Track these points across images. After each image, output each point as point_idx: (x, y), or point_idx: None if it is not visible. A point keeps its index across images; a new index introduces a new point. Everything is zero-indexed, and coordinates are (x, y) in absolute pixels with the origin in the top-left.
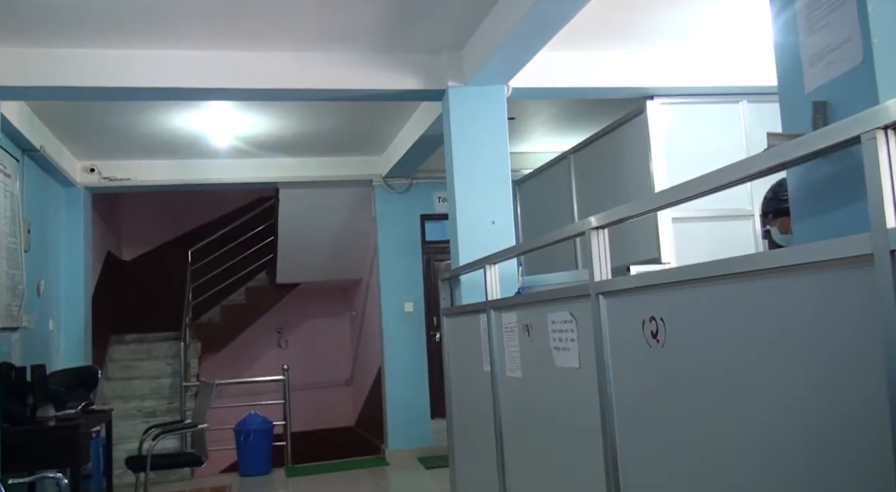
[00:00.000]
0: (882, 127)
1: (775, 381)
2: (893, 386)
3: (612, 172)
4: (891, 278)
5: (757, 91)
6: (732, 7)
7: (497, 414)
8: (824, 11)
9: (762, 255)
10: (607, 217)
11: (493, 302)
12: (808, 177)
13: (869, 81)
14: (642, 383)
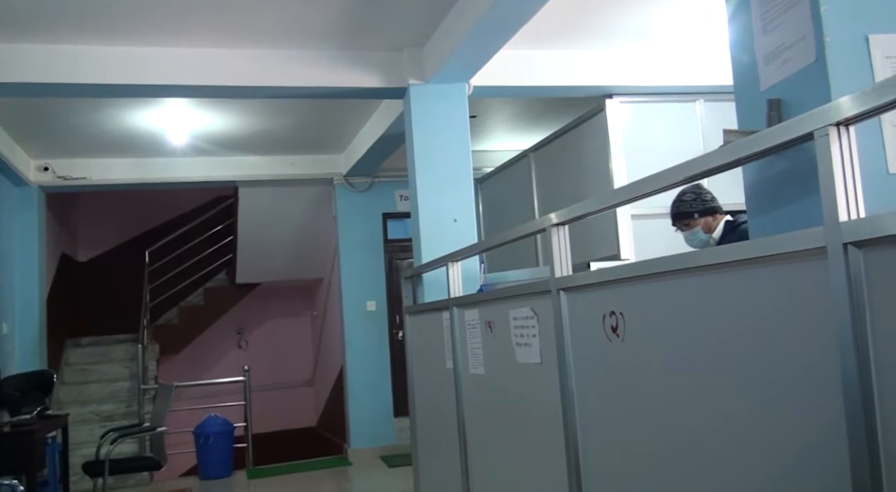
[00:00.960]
0: (834, 124)
1: (732, 371)
2: (845, 374)
3: (573, 170)
4: (843, 270)
5: (713, 90)
6: (689, 8)
7: (460, 411)
8: (778, 11)
9: (720, 249)
10: (567, 214)
11: (455, 299)
12: (763, 173)
13: (822, 79)
14: (603, 377)
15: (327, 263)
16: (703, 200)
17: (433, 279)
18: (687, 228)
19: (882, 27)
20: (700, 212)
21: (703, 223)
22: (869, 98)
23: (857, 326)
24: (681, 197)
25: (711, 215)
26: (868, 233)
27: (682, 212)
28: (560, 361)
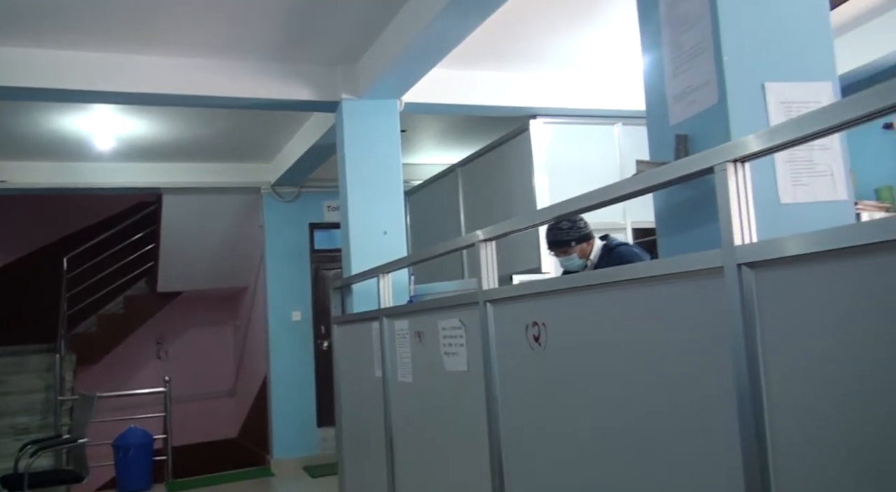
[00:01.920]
0: (732, 160)
1: (643, 378)
2: (738, 378)
3: (498, 186)
4: (737, 287)
5: (630, 115)
6: (609, 38)
7: (388, 418)
8: (687, 57)
9: (632, 266)
10: (495, 231)
11: (386, 310)
12: (671, 199)
13: (723, 119)
14: (526, 384)
15: (252, 273)
16: (578, 228)
17: (362, 290)
18: (564, 255)
19: (776, 76)
20: (576, 239)
21: (579, 249)
22: (762, 140)
23: (748, 336)
24: (558, 225)
25: (586, 242)
26: (759, 255)
27: (559, 240)
28: (486, 368)
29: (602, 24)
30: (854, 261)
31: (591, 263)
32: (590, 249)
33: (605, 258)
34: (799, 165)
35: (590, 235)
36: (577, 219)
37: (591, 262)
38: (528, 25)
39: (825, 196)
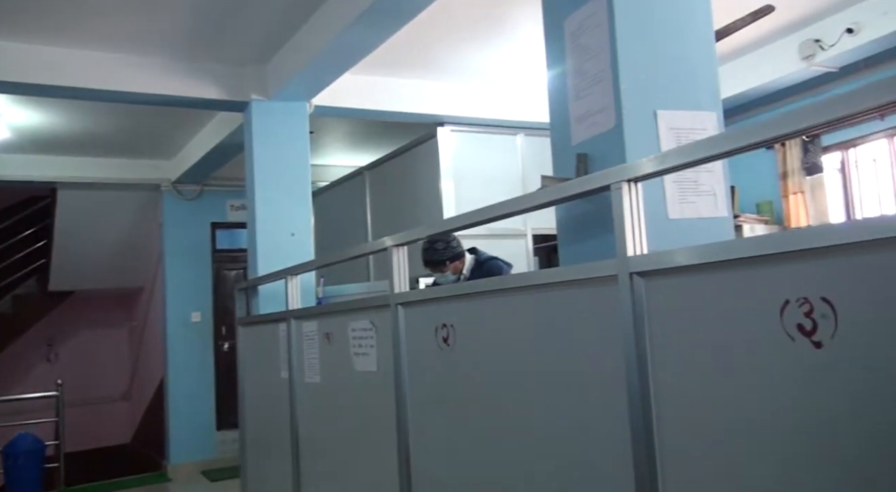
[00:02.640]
0: (627, 180)
1: (544, 378)
2: (629, 375)
3: (405, 190)
4: (629, 295)
5: (532, 126)
6: (515, 53)
7: (294, 419)
8: (588, 84)
9: (535, 273)
10: (406, 236)
11: (294, 311)
12: (572, 211)
13: (619, 141)
14: (434, 383)
15: (150, 272)
16: (451, 247)
17: (269, 291)
18: (439, 272)
19: (667, 105)
20: (450, 259)
21: (453, 267)
22: (654, 163)
23: (639, 338)
24: (433, 245)
25: (459, 259)
26: (649, 266)
27: (435, 259)
28: (396, 368)
29: (508, 40)
30: (730, 272)
31: (464, 277)
32: (462, 265)
33: (477, 271)
34: (686, 185)
35: (462, 253)
36: (450, 239)
37: (464, 275)
38: (439, 37)
39: (708, 213)
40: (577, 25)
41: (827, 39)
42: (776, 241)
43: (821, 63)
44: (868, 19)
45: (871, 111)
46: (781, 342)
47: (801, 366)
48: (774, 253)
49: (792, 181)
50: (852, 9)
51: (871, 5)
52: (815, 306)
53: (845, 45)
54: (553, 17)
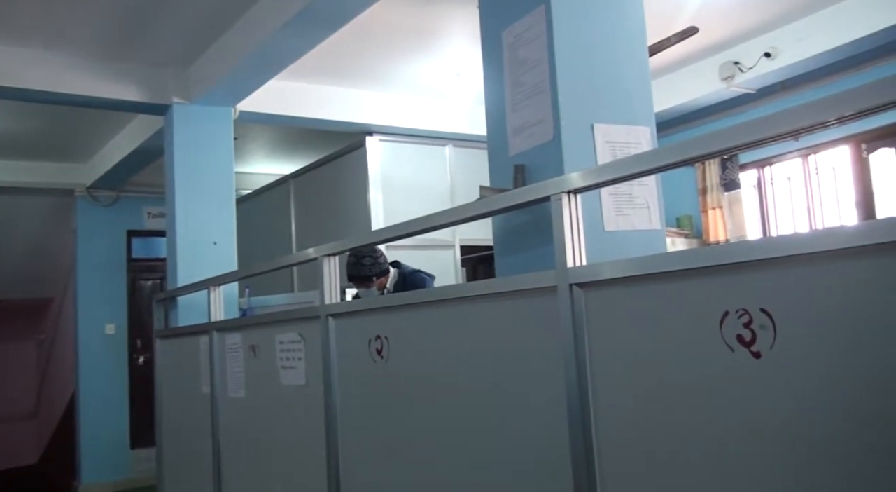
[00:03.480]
0: (566, 191)
1: (482, 390)
2: (569, 383)
3: (332, 199)
4: (569, 305)
5: (460, 137)
6: (445, 64)
7: (216, 437)
8: (525, 96)
9: (475, 284)
10: (338, 246)
11: (217, 323)
12: (509, 222)
13: (557, 153)
14: (367, 396)
15: (61, 282)
16: (379, 263)
17: (189, 302)
18: (364, 287)
19: (603, 119)
20: (377, 275)
21: (379, 282)
22: (593, 175)
23: (578, 347)
24: (360, 261)
25: (385, 275)
26: (588, 277)
27: (363, 275)
28: (326, 382)
29: (439, 51)
30: (670, 284)
31: (388, 291)
32: (387, 280)
33: (401, 284)
34: (621, 198)
35: (388, 269)
36: (378, 255)
37: (388, 290)
38: (369, 46)
39: (642, 225)
40: (515, 37)
41: (746, 62)
42: (715, 253)
43: (739, 84)
44: (785, 45)
45: (793, 133)
46: (721, 353)
47: (740, 376)
48: (714, 265)
49: (711, 197)
50: (770, 34)
51: (787, 31)
52: (755, 317)
53: (763, 69)
54: (490, 29)
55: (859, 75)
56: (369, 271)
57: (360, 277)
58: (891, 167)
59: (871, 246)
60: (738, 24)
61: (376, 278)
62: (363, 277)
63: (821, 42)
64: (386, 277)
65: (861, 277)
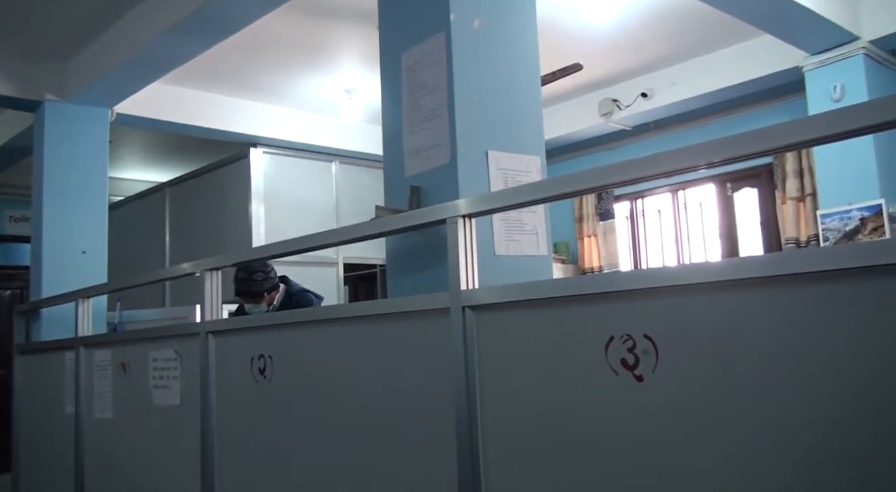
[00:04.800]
0: (462, 215)
1: (371, 411)
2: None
3: (211, 211)
4: (461, 327)
5: (348, 154)
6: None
7: (80, 460)
8: (423, 119)
9: (366, 304)
10: (222, 260)
11: (85, 338)
12: (403, 242)
13: (453, 177)
14: (247, 418)
15: None
16: (270, 278)
17: (54, 315)
18: (254, 303)
19: (497, 146)
20: (268, 290)
21: (269, 297)
22: (487, 201)
23: (469, 369)
24: (251, 276)
25: (276, 290)
26: (481, 300)
27: (254, 291)
28: (203, 402)
29: (328, 68)
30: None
31: (274, 307)
32: (275, 296)
33: (287, 302)
34: (511, 224)
35: (278, 284)
36: (269, 269)
37: (274, 306)
38: (258, 56)
39: (531, 251)
40: (415, 61)
41: (624, 100)
42: (603, 281)
43: (617, 120)
44: (660, 87)
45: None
46: (606, 376)
47: (623, 398)
48: (602, 292)
49: (587, 225)
50: (647, 76)
51: (663, 75)
52: (638, 343)
53: (639, 108)
54: (390, 51)
55: (727, 120)
56: (260, 287)
57: (251, 292)
58: (752, 205)
59: (738, 281)
60: (618, 64)
61: (267, 294)
62: (254, 293)
63: (693, 87)
64: (276, 293)
65: (730, 307)
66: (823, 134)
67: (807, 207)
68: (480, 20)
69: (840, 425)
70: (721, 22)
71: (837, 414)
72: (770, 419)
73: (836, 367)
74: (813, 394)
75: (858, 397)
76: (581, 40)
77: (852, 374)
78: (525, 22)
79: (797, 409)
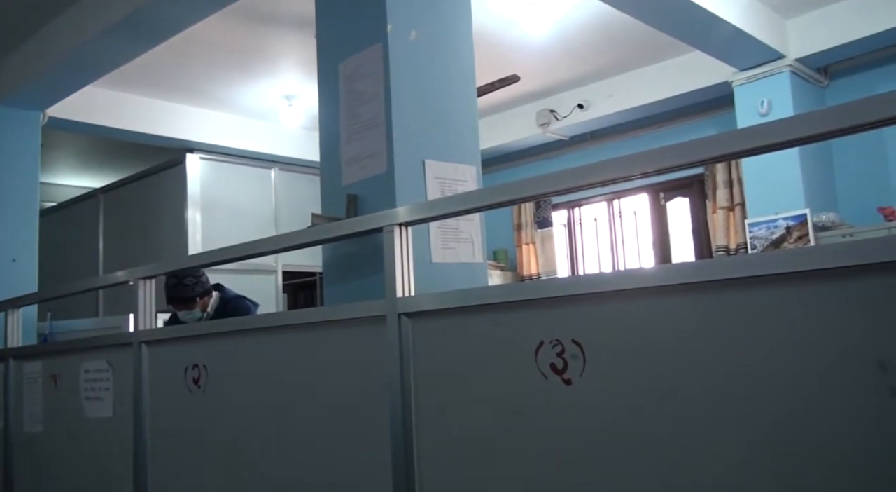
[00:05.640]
0: (398, 224)
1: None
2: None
3: (146, 217)
4: (397, 334)
5: (287, 161)
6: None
7: (9, 477)
8: (361, 129)
9: (301, 312)
10: (155, 269)
11: (14, 350)
12: (339, 251)
13: (390, 186)
14: (182, 427)
15: None
16: (202, 283)
17: None
18: (186, 309)
19: (434, 155)
20: (200, 295)
21: (202, 303)
22: (424, 209)
23: (404, 376)
24: (182, 281)
25: (209, 295)
26: (416, 307)
27: (186, 296)
28: (136, 414)
29: (267, 74)
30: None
31: (209, 314)
32: (209, 302)
33: (222, 310)
34: (448, 232)
35: (211, 289)
36: (200, 274)
37: (208, 313)
38: (196, 61)
39: (467, 259)
40: (353, 70)
41: (561, 111)
42: (533, 288)
43: (554, 131)
44: (596, 99)
45: (605, 183)
46: (536, 380)
47: (553, 402)
48: (532, 299)
49: (525, 233)
50: (584, 88)
51: (599, 87)
52: (567, 347)
53: (576, 118)
54: (328, 60)
55: (661, 132)
56: (192, 292)
57: (183, 298)
58: (684, 214)
59: (663, 287)
60: (556, 76)
61: (199, 299)
62: (185, 299)
63: (628, 99)
64: (209, 298)
65: (657, 312)
66: (751, 146)
67: (736, 216)
68: (417, 32)
69: (765, 423)
70: (655, 38)
71: (762, 414)
72: (696, 419)
73: (762, 369)
74: (737, 395)
75: (781, 398)
76: (520, 52)
77: (777, 376)
78: (462, 34)
79: (723, 410)
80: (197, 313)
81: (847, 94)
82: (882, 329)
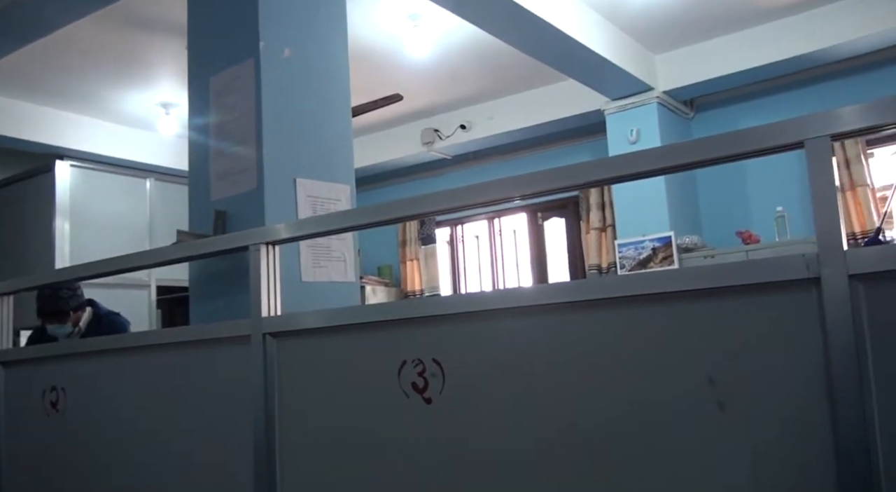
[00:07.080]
0: (266, 242)
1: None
2: (256, 434)
3: (10, 227)
4: (261, 354)
5: (164, 171)
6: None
7: None
8: (232, 143)
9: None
10: (17, 284)
11: None
12: (208, 268)
13: (259, 203)
14: (38, 452)
15: None
16: (77, 296)
17: None
18: (59, 323)
19: (306, 174)
20: (74, 308)
21: (75, 317)
22: (293, 228)
23: (268, 396)
24: (57, 293)
25: (82, 309)
26: (282, 327)
27: (61, 309)
28: None
29: (142, 81)
30: (356, 335)
31: (80, 330)
32: (82, 316)
33: (96, 326)
34: (319, 251)
35: (86, 303)
36: (76, 287)
37: (80, 328)
38: (68, 63)
39: (338, 277)
40: (224, 85)
41: (444, 131)
42: (397, 308)
43: (438, 150)
44: (477, 120)
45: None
46: (398, 399)
47: (413, 420)
48: (396, 319)
49: (409, 249)
50: (466, 109)
51: (480, 109)
52: (428, 366)
53: (459, 138)
54: (199, 73)
55: (540, 154)
56: (66, 305)
57: (56, 310)
58: (561, 234)
59: (520, 308)
60: (439, 96)
61: (73, 313)
62: (59, 311)
63: (508, 122)
64: (82, 313)
65: (514, 331)
66: (622, 173)
67: (607, 237)
68: (291, 49)
69: (624, 432)
70: (533, 64)
71: (624, 422)
72: (548, 431)
73: (610, 382)
74: (589, 406)
75: (643, 406)
76: (404, 71)
77: (621, 389)
78: (337, 53)
79: (573, 420)
80: (68, 328)
81: (711, 126)
82: (711, 347)
